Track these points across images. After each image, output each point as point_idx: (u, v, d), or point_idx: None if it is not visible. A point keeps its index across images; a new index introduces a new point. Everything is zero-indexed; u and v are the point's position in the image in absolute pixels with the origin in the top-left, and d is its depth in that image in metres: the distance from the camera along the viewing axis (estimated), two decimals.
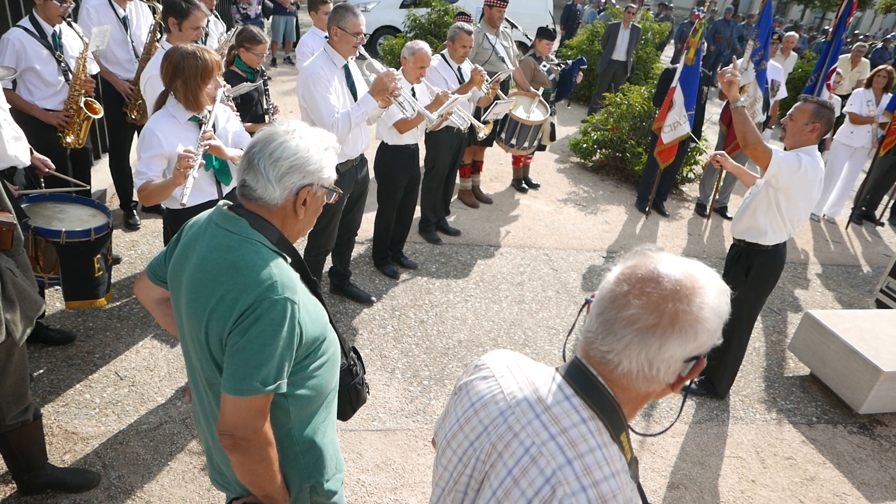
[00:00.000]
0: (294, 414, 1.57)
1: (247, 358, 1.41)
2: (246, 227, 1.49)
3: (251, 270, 1.44)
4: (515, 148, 5.94)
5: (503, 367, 1.22)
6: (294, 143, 1.48)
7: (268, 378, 1.42)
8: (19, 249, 2.28)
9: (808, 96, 3.42)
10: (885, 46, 13.97)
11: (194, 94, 2.70)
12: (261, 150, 1.47)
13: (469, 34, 4.82)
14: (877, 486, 3.48)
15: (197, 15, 3.64)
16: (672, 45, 16.07)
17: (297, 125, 1.53)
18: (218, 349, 1.47)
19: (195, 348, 1.54)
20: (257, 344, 1.40)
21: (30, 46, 3.70)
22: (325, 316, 1.62)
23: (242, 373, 1.41)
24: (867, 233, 7.47)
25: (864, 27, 39.19)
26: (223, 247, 1.48)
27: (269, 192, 1.48)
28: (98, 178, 4.76)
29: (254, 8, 9.76)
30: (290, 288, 1.45)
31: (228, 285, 1.43)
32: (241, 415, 1.43)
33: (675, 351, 1.01)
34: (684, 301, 1.00)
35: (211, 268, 1.47)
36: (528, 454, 1.06)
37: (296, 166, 1.48)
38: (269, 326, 1.41)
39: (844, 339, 3.95)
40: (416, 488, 3.00)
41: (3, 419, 2.37)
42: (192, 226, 1.63)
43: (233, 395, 1.42)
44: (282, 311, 1.42)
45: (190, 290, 1.50)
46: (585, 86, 10.78)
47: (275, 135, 1.49)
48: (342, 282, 4.36)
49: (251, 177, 1.49)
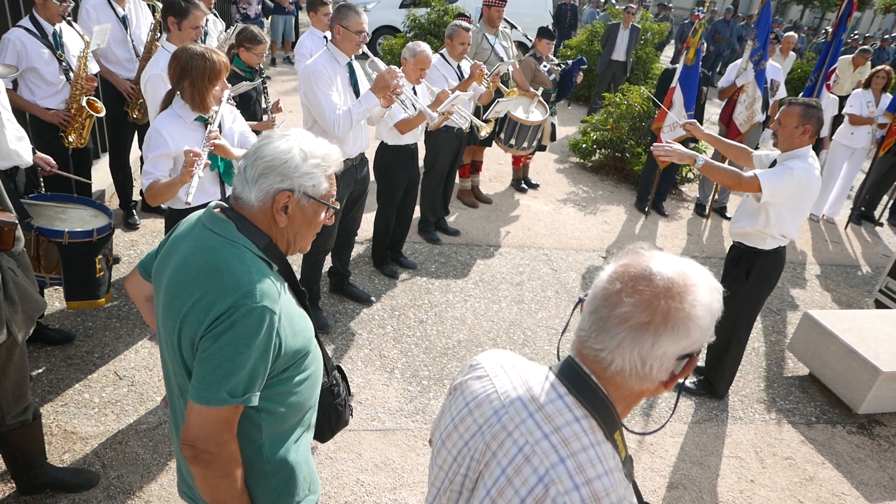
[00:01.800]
0: (266, 430, 1.49)
1: (216, 365, 1.33)
2: (232, 229, 1.43)
3: (230, 274, 1.37)
4: (514, 148, 5.94)
5: (497, 367, 1.22)
6: (277, 145, 1.43)
7: (236, 389, 1.34)
8: (19, 248, 2.29)
9: (793, 98, 3.39)
10: (884, 46, 13.97)
11: (201, 96, 2.69)
12: (251, 151, 1.45)
13: (467, 31, 4.83)
14: (875, 486, 3.48)
15: (196, 14, 3.64)
16: (672, 46, 16.07)
17: (297, 131, 1.49)
18: (190, 354, 1.40)
19: (169, 351, 1.47)
20: (228, 352, 1.33)
21: (31, 46, 3.70)
22: (311, 330, 1.54)
23: (210, 381, 1.34)
24: (866, 233, 7.47)
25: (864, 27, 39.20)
26: (206, 248, 1.42)
27: (245, 192, 1.44)
28: (97, 177, 4.76)
29: (254, 7, 9.76)
30: (269, 296, 1.38)
31: (205, 288, 1.37)
32: (205, 425, 1.36)
33: (667, 348, 1.01)
34: (677, 298, 1.01)
35: (191, 269, 1.41)
36: (521, 453, 1.07)
37: (272, 167, 1.41)
38: (242, 334, 1.33)
39: (844, 340, 3.96)
40: (416, 488, 3.00)
41: (2, 419, 2.37)
42: (179, 227, 1.58)
43: (198, 403, 1.35)
44: (258, 319, 1.34)
45: (168, 291, 1.45)
46: (585, 86, 10.79)
47: (268, 137, 1.46)
48: (342, 281, 4.36)
49: (238, 177, 1.46)
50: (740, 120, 6.23)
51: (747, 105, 6.17)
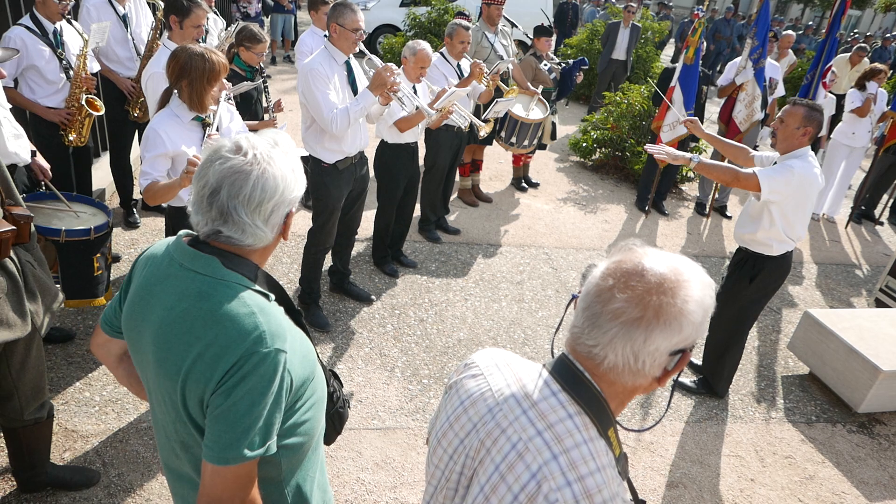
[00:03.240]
0: (285, 465, 1.41)
1: (232, 423, 1.22)
2: (218, 266, 1.28)
3: (233, 321, 1.24)
4: (515, 146, 5.94)
5: (492, 365, 1.23)
6: (269, 178, 1.25)
7: (254, 442, 1.24)
8: (34, 244, 2.31)
9: (797, 99, 3.39)
10: (885, 46, 13.95)
11: (199, 96, 2.68)
12: (230, 194, 1.23)
13: (466, 30, 4.83)
14: (875, 485, 3.48)
15: (198, 13, 3.65)
16: (672, 44, 16.07)
17: (248, 144, 1.28)
18: (198, 412, 1.27)
19: (167, 410, 1.33)
20: (244, 406, 1.22)
21: (31, 44, 3.71)
22: (313, 352, 1.44)
23: (227, 440, 1.22)
24: (866, 232, 7.47)
25: (864, 26, 39.17)
26: (195, 293, 1.26)
27: (259, 238, 1.29)
28: (97, 176, 4.77)
29: (254, 6, 9.76)
30: (279, 336, 1.26)
31: (207, 340, 1.23)
32: (226, 486, 1.25)
33: (659, 344, 1.01)
34: (668, 294, 1.01)
35: (183, 319, 1.26)
36: (514, 450, 1.07)
37: (280, 203, 1.28)
38: (257, 385, 1.22)
39: (844, 339, 3.96)
40: (416, 486, 3.00)
41: (21, 414, 2.38)
42: (146, 263, 1.39)
43: (216, 464, 1.24)
44: (272, 365, 1.23)
45: (159, 347, 1.29)
46: (585, 85, 10.79)
47: (237, 170, 1.24)
48: (342, 280, 4.37)
49: (231, 229, 1.26)
50: (740, 118, 6.24)
51: (746, 103, 6.18)
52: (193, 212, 1.30)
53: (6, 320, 2.08)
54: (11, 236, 2.07)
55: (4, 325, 2.08)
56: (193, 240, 1.34)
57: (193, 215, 1.30)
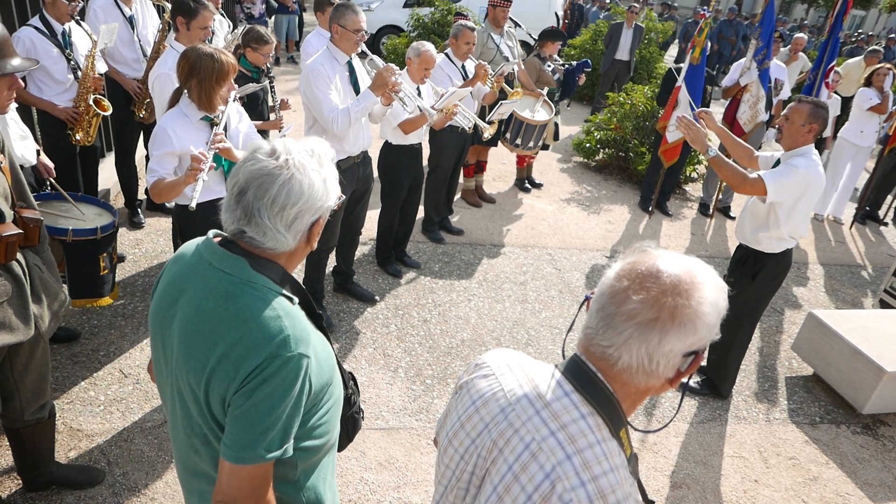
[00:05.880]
0: (301, 466, 1.43)
1: (251, 423, 1.25)
2: (246, 268, 1.30)
3: (259, 324, 1.25)
4: (521, 147, 5.95)
5: (503, 365, 1.23)
6: (295, 184, 1.26)
7: (273, 444, 1.26)
8: (44, 246, 2.32)
9: (802, 96, 3.41)
10: (890, 45, 13.91)
11: (208, 96, 2.71)
12: (256, 195, 1.25)
13: (472, 31, 4.84)
14: (880, 487, 3.48)
15: (205, 14, 3.67)
16: (676, 45, 16.05)
17: (283, 149, 1.29)
18: (220, 410, 1.30)
19: (191, 404, 1.35)
20: (264, 408, 1.24)
21: (40, 44, 3.73)
22: (333, 355, 1.45)
23: (245, 440, 1.25)
24: (871, 233, 7.46)
25: (868, 26, 39.06)
26: (222, 293, 1.28)
27: (280, 242, 1.30)
28: (103, 176, 4.79)
29: (258, 7, 9.78)
30: (304, 341, 1.28)
31: (232, 341, 1.25)
32: (242, 485, 1.27)
33: (674, 345, 1.02)
34: (683, 296, 1.02)
35: (209, 319, 1.28)
36: (528, 450, 1.07)
37: (304, 210, 1.29)
38: (278, 388, 1.24)
39: (848, 340, 3.95)
40: (419, 487, 3.01)
41: (21, 415, 2.39)
42: (177, 261, 1.41)
43: (234, 463, 1.26)
44: (294, 369, 1.25)
45: (184, 343, 1.31)
46: (588, 85, 10.78)
47: (265, 173, 1.25)
48: (346, 281, 4.37)
49: (254, 230, 1.28)
50: (744, 119, 6.23)
51: (751, 104, 6.17)
52: (223, 209, 1.32)
53: (9, 324, 2.09)
54: (17, 240, 2.09)
55: (7, 328, 2.09)
56: (224, 240, 1.36)
57: (223, 213, 1.32)
